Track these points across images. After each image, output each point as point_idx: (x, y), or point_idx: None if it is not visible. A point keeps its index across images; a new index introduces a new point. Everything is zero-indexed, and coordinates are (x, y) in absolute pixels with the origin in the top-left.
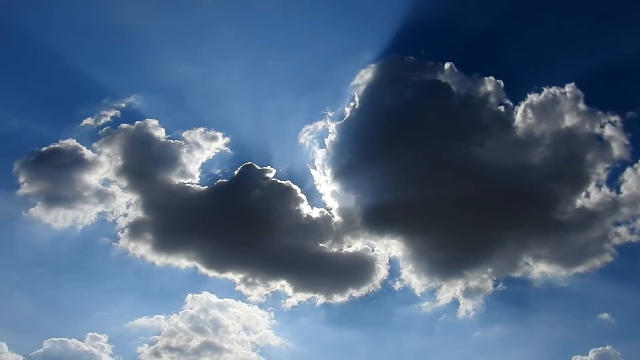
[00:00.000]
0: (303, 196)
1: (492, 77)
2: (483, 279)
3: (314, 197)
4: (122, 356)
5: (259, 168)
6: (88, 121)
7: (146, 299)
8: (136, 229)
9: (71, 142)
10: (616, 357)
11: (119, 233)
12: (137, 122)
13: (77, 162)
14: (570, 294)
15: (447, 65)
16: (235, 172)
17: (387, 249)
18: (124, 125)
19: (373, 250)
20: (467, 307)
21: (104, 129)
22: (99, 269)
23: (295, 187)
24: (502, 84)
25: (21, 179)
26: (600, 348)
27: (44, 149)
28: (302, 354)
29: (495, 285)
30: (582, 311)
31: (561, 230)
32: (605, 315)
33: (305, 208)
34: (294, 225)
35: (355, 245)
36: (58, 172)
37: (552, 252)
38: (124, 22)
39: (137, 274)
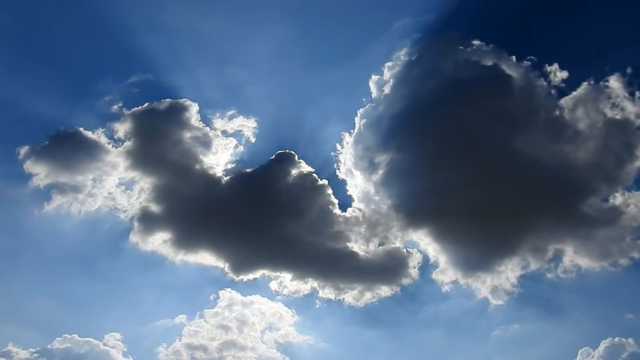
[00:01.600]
0: (331, 192)
1: (553, 65)
2: (513, 275)
3: (344, 194)
4: (143, 356)
5: (290, 158)
6: (111, 102)
7: (169, 298)
8: (160, 224)
9: (96, 133)
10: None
11: (140, 228)
12: (169, 101)
13: (95, 150)
14: (600, 289)
15: (488, 48)
16: (270, 158)
17: (418, 247)
18: (153, 104)
19: (405, 249)
20: (496, 302)
21: (116, 105)
22: (120, 265)
23: (325, 183)
24: (562, 73)
25: (35, 170)
26: (617, 339)
27: (61, 132)
28: (332, 353)
29: (524, 281)
30: (610, 307)
31: (593, 225)
32: (630, 316)
33: (335, 205)
34: (322, 222)
35: (385, 243)
36: (74, 160)
37: (584, 247)
38: (175, 21)
39: (160, 270)
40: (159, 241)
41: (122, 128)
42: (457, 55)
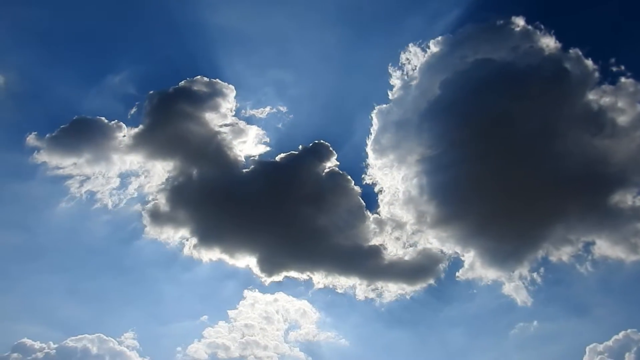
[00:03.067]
0: (361, 189)
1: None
2: (541, 271)
3: (374, 192)
4: (163, 356)
5: (324, 150)
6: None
7: (192, 297)
8: (182, 222)
9: (114, 121)
10: None
11: (158, 224)
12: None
13: (113, 138)
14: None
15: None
16: (304, 148)
17: (446, 246)
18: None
19: (434, 248)
20: (523, 299)
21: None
22: (140, 263)
23: (351, 179)
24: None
25: (50, 160)
26: (629, 330)
27: (79, 120)
28: (355, 351)
29: (549, 276)
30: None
31: (624, 219)
32: None
33: (364, 203)
34: (350, 220)
35: (414, 242)
36: (92, 150)
37: (614, 241)
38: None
39: (184, 270)
40: (180, 238)
41: (143, 115)
42: (502, 40)
